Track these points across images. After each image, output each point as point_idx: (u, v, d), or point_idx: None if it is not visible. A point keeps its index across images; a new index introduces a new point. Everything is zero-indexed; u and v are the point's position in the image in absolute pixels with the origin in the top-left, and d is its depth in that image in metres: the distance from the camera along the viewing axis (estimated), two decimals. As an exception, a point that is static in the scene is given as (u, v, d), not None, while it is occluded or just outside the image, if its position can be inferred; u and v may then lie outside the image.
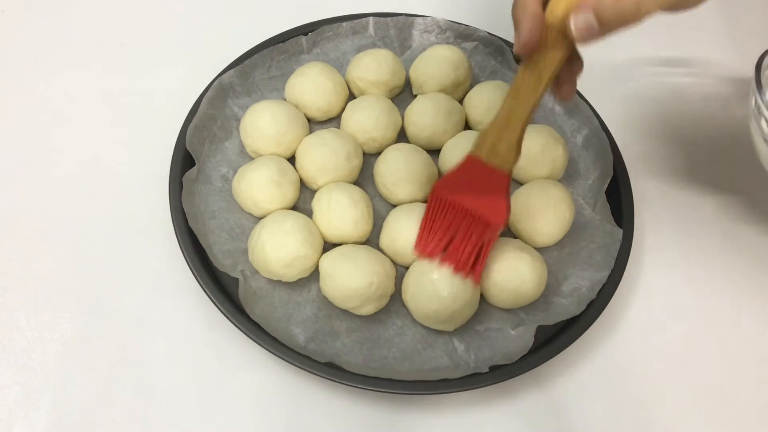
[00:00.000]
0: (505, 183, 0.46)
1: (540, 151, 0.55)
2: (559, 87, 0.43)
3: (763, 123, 0.49)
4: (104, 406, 0.45)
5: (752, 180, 0.60)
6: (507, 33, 0.65)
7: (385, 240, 0.51)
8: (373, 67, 0.59)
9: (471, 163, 0.46)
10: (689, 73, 0.70)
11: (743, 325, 0.53)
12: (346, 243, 0.51)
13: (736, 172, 0.61)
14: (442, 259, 0.48)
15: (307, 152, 0.54)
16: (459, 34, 0.65)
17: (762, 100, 0.49)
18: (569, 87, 0.43)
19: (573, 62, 0.42)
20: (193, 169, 0.53)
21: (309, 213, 0.52)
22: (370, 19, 0.65)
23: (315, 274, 0.50)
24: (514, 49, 0.40)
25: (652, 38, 0.72)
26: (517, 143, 0.44)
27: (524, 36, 0.38)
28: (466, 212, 0.47)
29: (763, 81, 0.51)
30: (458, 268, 0.47)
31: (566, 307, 0.50)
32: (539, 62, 0.40)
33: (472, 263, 0.47)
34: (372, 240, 0.53)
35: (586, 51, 0.40)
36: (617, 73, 0.69)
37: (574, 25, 0.36)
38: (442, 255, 0.48)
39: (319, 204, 0.51)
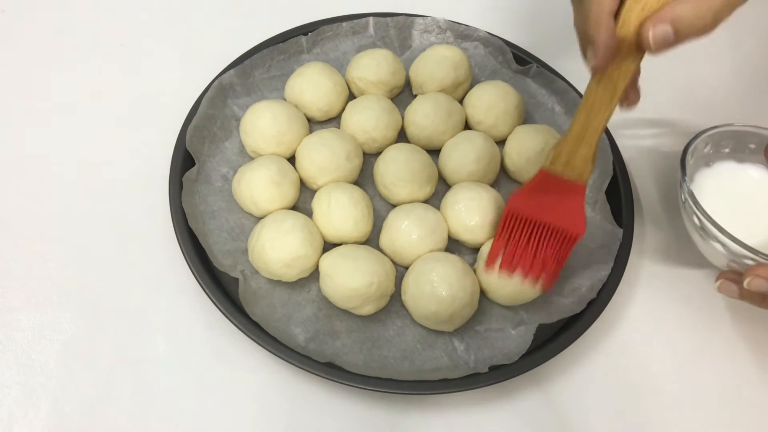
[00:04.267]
0: (582, 194, 0.46)
1: (540, 151, 0.55)
2: (626, 95, 0.43)
3: (695, 218, 0.46)
4: (104, 406, 0.45)
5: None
6: (507, 33, 0.66)
7: (385, 240, 0.51)
8: (373, 67, 0.59)
9: (545, 177, 0.46)
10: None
11: (744, 324, 0.53)
12: (346, 243, 0.51)
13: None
14: (513, 269, 0.48)
15: (307, 152, 0.54)
16: (459, 34, 0.65)
17: (686, 190, 0.46)
18: (635, 92, 0.43)
19: None
20: (193, 169, 0.53)
21: (309, 213, 0.52)
22: (370, 19, 0.65)
23: (315, 274, 0.50)
24: (589, 65, 0.40)
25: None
26: (592, 156, 0.44)
27: (602, 52, 0.38)
28: (542, 225, 0.47)
29: (688, 169, 0.48)
30: (529, 273, 0.48)
31: (566, 306, 0.50)
32: (612, 75, 0.40)
33: (545, 269, 0.48)
34: (372, 240, 0.53)
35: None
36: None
37: (653, 37, 0.35)
38: (515, 269, 0.48)
39: (319, 204, 0.51)
